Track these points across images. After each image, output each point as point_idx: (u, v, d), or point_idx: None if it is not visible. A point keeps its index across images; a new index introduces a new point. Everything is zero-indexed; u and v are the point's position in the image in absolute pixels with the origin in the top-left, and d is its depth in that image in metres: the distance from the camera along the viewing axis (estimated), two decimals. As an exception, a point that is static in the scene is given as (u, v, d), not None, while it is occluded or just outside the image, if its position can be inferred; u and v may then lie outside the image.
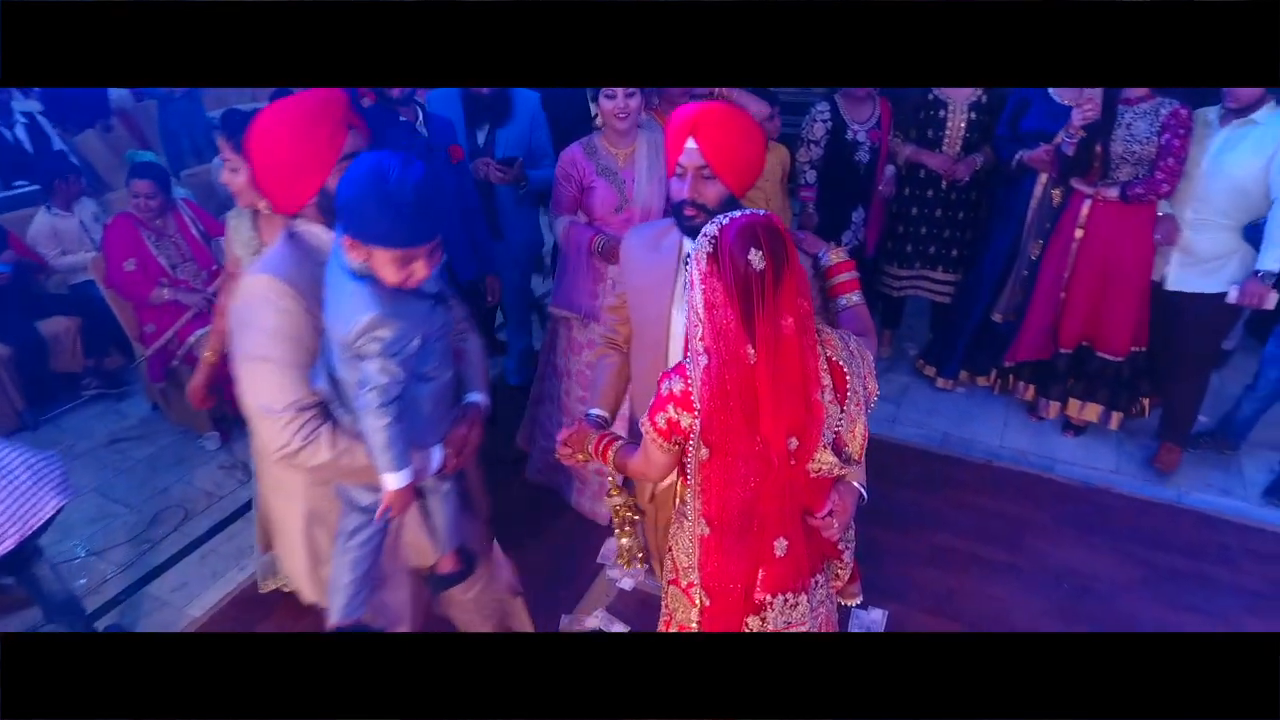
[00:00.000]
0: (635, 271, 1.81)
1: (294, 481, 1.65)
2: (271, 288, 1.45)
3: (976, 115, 3.47)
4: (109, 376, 4.02)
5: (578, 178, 2.73)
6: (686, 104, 1.66)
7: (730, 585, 1.51)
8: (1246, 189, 2.80)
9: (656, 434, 1.47)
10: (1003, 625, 2.57)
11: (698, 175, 1.61)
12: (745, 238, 1.31)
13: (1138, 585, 2.74)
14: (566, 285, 2.88)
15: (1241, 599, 2.66)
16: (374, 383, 1.42)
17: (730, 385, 1.35)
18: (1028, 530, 2.98)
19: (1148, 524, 3.00)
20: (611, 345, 1.95)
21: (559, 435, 1.80)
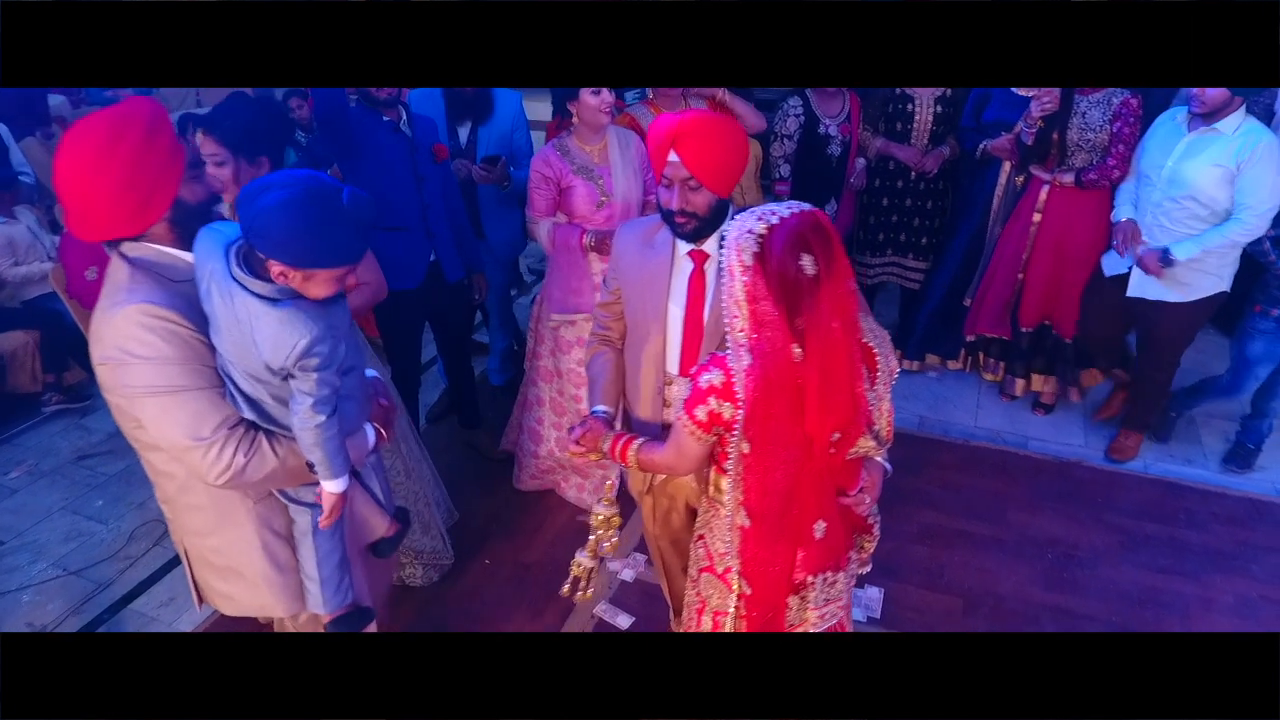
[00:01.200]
0: (630, 268, 1.82)
1: (236, 510, 1.60)
2: (153, 315, 1.37)
3: (942, 109, 3.59)
4: (71, 391, 3.88)
5: (555, 179, 2.75)
6: (664, 115, 1.67)
7: (771, 571, 1.53)
8: (1205, 199, 2.73)
9: (695, 427, 1.47)
10: (993, 595, 2.67)
11: (684, 186, 1.62)
12: (796, 243, 1.32)
13: (1115, 551, 2.87)
14: (562, 288, 2.88)
15: (1210, 559, 2.82)
16: (315, 395, 1.40)
17: (775, 384, 1.36)
18: (1009, 505, 3.10)
19: (1119, 494, 3.15)
20: (605, 341, 1.96)
21: (572, 435, 1.80)
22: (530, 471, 3.28)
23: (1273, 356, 3.04)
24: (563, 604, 2.74)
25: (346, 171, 2.72)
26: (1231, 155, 2.63)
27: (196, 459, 1.42)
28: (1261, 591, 2.67)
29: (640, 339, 1.82)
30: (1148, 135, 2.90)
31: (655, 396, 1.83)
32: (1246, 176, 2.62)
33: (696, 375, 1.48)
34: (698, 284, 1.73)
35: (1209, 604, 2.64)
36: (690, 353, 1.76)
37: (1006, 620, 2.59)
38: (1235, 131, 2.65)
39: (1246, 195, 2.64)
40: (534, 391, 3.16)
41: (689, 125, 1.58)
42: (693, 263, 1.73)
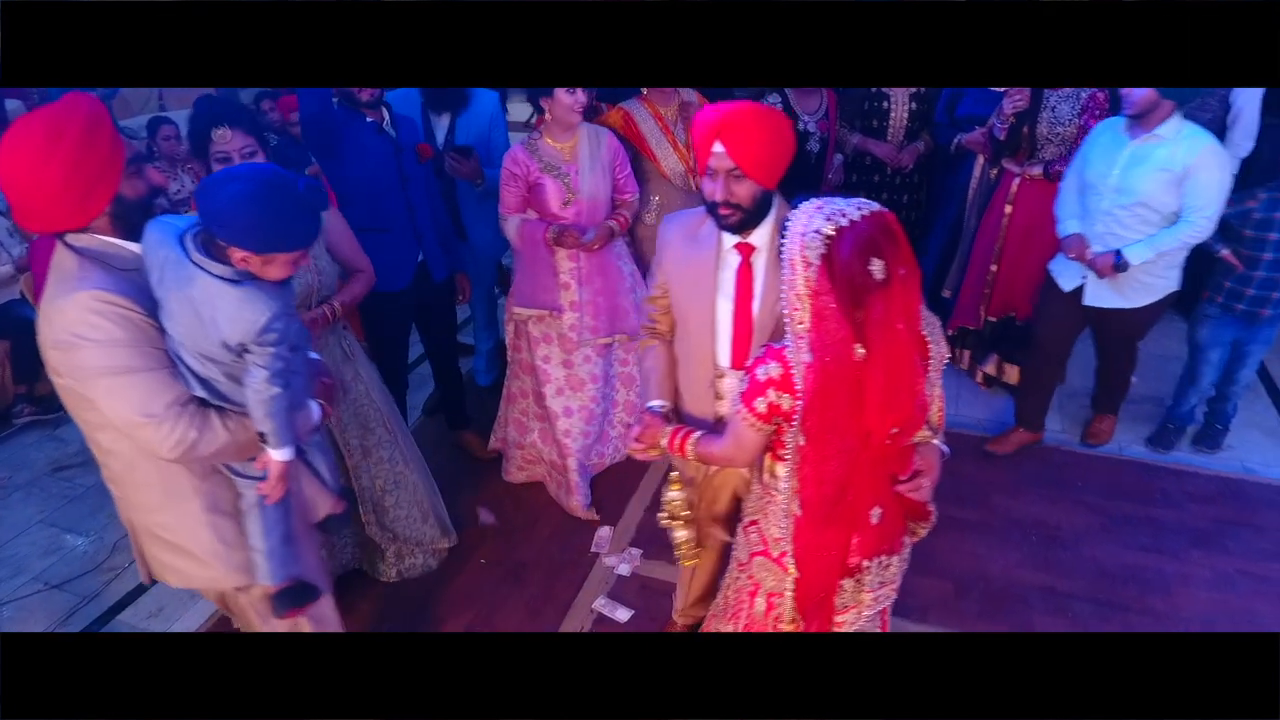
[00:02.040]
0: (676, 262, 1.82)
1: (181, 486, 1.65)
2: (104, 300, 1.43)
3: (916, 105, 3.67)
4: (43, 402, 3.77)
5: (523, 176, 2.77)
6: (708, 106, 1.66)
7: (824, 556, 1.55)
8: (1153, 207, 2.74)
9: (755, 418, 1.49)
10: (982, 578, 2.74)
11: (728, 176, 1.62)
12: (867, 248, 1.32)
13: (1096, 531, 2.96)
14: (528, 284, 2.90)
15: (1187, 536, 2.92)
16: (270, 369, 1.49)
17: (835, 379, 1.37)
18: (993, 490, 3.17)
19: (1096, 476, 3.24)
20: (654, 335, 1.96)
21: (631, 432, 1.85)
22: (517, 463, 3.30)
23: (1219, 340, 3.16)
24: (561, 601, 2.74)
25: (330, 173, 2.70)
26: (1176, 160, 2.65)
27: (149, 434, 1.49)
28: (1238, 566, 2.77)
29: (688, 333, 1.84)
30: (1088, 145, 2.90)
31: (706, 390, 1.84)
32: (1193, 180, 2.64)
33: (753, 368, 1.49)
34: (745, 277, 1.73)
35: (1188, 579, 2.73)
36: (740, 346, 1.76)
37: (997, 601, 2.65)
38: (1177, 136, 2.67)
39: (1194, 198, 2.67)
40: (516, 385, 3.19)
41: (734, 116, 1.58)
42: (739, 255, 1.73)
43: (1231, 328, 3.13)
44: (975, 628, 2.54)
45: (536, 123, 2.83)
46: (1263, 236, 2.91)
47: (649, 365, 1.94)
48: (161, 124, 4.47)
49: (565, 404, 3.06)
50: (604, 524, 3.06)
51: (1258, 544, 2.87)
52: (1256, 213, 2.90)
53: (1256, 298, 3.00)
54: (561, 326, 2.96)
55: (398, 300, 2.86)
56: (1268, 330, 3.09)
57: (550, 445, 3.12)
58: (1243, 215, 2.93)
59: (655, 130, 3.08)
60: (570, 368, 3.03)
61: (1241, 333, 3.13)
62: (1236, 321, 3.10)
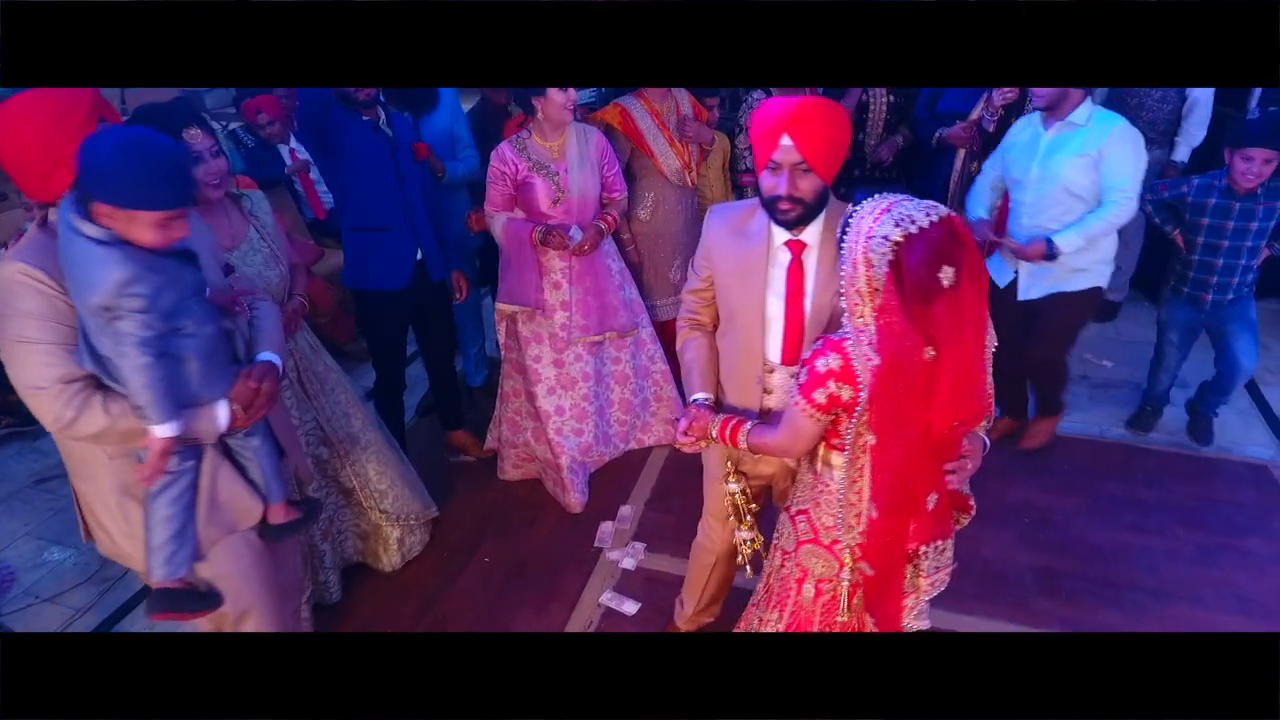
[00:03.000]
0: (724, 258, 1.80)
1: (96, 459, 1.67)
2: (23, 273, 1.51)
3: (894, 99, 3.73)
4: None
5: (511, 175, 2.78)
6: (774, 99, 1.65)
7: (894, 548, 1.56)
8: (1075, 194, 2.77)
9: (814, 409, 1.51)
10: (980, 560, 2.80)
11: (794, 170, 1.60)
12: (937, 256, 1.32)
13: (1084, 512, 3.04)
14: (511, 280, 2.91)
15: (1172, 514, 3.01)
16: (138, 335, 1.49)
17: (902, 380, 1.38)
18: (983, 475, 3.17)
19: (1081, 459, 3.34)
20: (696, 326, 1.95)
21: (680, 426, 1.83)
22: (512, 461, 3.30)
23: (1176, 323, 3.23)
24: (568, 597, 2.76)
25: (328, 173, 2.69)
26: (1091, 143, 2.69)
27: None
28: (1220, 540, 2.88)
29: (736, 328, 1.82)
30: (1007, 142, 2.93)
31: (754, 385, 1.83)
32: (1108, 161, 2.69)
33: (812, 360, 1.50)
34: (796, 275, 1.72)
35: (1174, 555, 2.83)
36: (792, 342, 1.76)
37: (994, 582, 2.72)
38: (1089, 121, 2.72)
39: (1112, 178, 2.71)
40: (509, 384, 3.20)
41: (804, 109, 1.56)
42: (790, 253, 1.71)
43: (1187, 310, 3.17)
44: (973, 608, 2.61)
45: (526, 123, 2.84)
46: (1197, 221, 3.01)
47: (690, 358, 1.93)
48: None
49: (557, 403, 3.07)
50: (605, 519, 3.08)
51: (1237, 519, 2.98)
52: (1189, 197, 3.01)
53: (1197, 280, 3.08)
54: (552, 325, 2.97)
55: (397, 300, 2.85)
56: (1233, 311, 3.11)
57: (543, 444, 3.13)
58: (1180, 199, 3.04)
59: (653, 127, 3.11)
60: (561, 367, 3.04)
61: (1202, 316, 3.16)
62: (1189, 304, 3.15)
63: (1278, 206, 2.90)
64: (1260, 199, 2.90)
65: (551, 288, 2.90)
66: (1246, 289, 3.10)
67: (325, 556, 2.64)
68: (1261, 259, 3.03)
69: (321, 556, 2.63)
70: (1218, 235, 3.00)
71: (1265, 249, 3.01)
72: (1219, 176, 2.96)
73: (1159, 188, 3.12)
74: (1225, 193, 2.95)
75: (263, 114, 3.95)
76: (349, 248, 2.82)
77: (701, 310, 1.93)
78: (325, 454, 2.58)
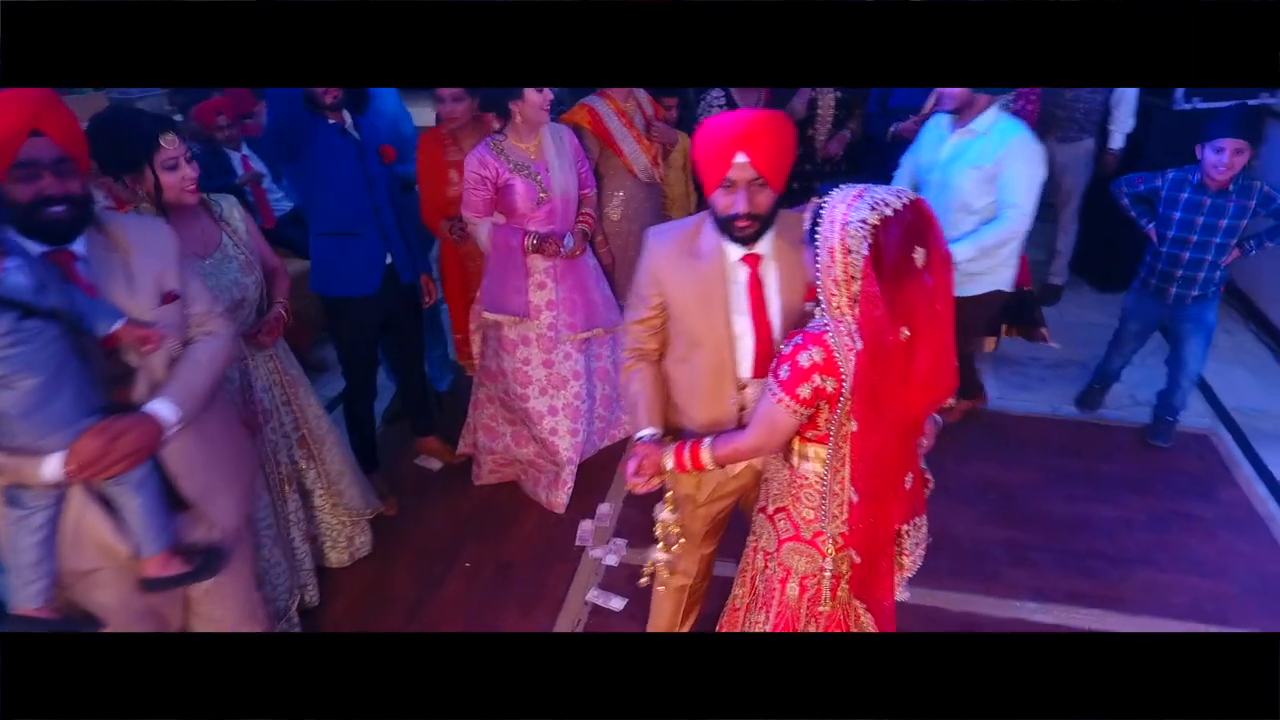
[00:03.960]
0: (677, 283, 1.74)
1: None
2: None
3: (841, 94, 3.84)
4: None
5: (492, 179, 2.74)
6: (722, 116, 1.63)
7: (878, 532, 1.59)
8: (970, 203, 2.75)
9: (798, 404, 1.51)
10: (951, 538, 2.91)
11: (751, 187, 1.59)
12: (911, 237, 1.38)
13: (1043, 486, 3.19)
14: (496, 289, 2.88)
15: (1122, 484, 3.18)
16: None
17: (883, 364, 1.42)
18: (945, 456, 3.34)
19: (1036, 435, 3.49)
20: (642, 357, 1.87)
21: (627, 470, 1.74)
22: (489, 467, 3.28)
23: (1139, 314, 3.30)
24: (553, 596, 2.76)
25: (294, 178, 2.63)
26: (989, 155, 2.64)
27: None
28: (1169, 506, 3.05)
29: (702, 351, 1.77)
30: (919, 141, 2.92)
31: (729, 404, 1.80)
32: (1005, 175, 2.65)
33: (794, 355, 1.50)
34: (757, 289, 1.71)
35: (1129, 523, 2.98)
36: (763, 356, 1.74)
37: (967, 558, 2.83)
38: (989, 130, 2.66)
39: (1008, 194, 2.67)
40: (484, 390, 3.17)
41: (757, 125, 1.56)
42: (747, 267, 1.70)
43: (1152, 303, 3.23)
44: (949, 584, 2.71)
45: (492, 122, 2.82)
46: (1169, 215, 3.05)
47: (636, 390, 1.84)
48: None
49: (550, 403, 3.05)
50: (584, 517, 3.09)
51: (1183, 485, 3.16)
52: (1163, 191, 3.08)
53: (1164, 274, 3.12)
54: (540, 327, 2.96)
55: (368, 305, 2.81)
56: (1193, 312, 3.14)
57: (526, 447, 3.13)
58: (1154, 192, 3.11)
59: (620, 126, 3.13)
60: (551, 367, 3.03)
61: (1165, 311, 3.22)
62: (1155, 297, 3.20)
63: (1249, 205, 2.93)
64: (1233, 196, 2.92)
65: (536, 289, 2.89)
66: (1213, 289, 3.10)
67: (305, 559, 2.62)
68: (1231, 258, 3.04)
69: (302, 559, 2.61)
70: (1187, 230, 3.01)
71: (1235, 249, 3.02)
72: (1193, 172, 2.99)
73: (1136, 180, 3.17)
74: (1198, 188, 2.97)
75: (223, 116, 3.80)
76: (317, 254, 2.77)
77: (649, 339, 1.86)
78: (298, 455, 2.58)
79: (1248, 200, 2.93)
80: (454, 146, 3.10)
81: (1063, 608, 2.62)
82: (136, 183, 2.02)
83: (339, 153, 2.63)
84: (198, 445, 1.75)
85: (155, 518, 1.70)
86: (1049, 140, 4.01)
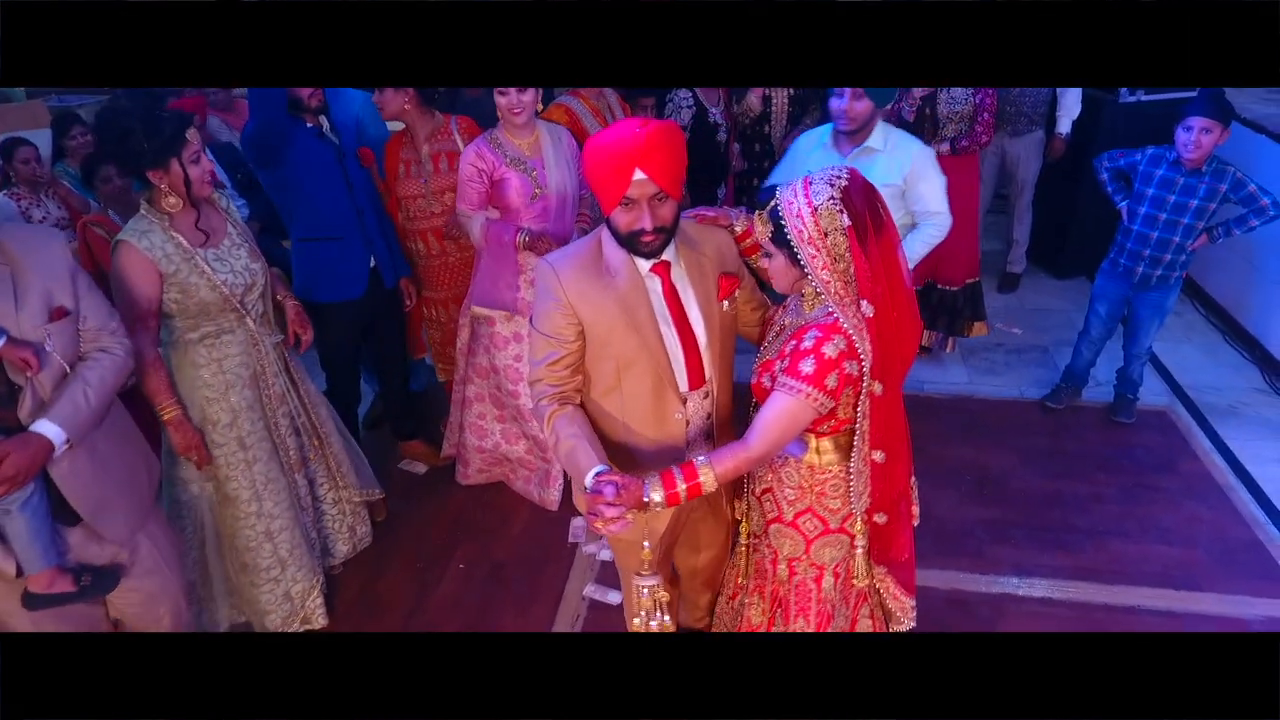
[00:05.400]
0: (597, 307, 1.66)
1: None
2: None
3: (794, 90, 3.93)
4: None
5: (487, 172, 2.75)
6: (611, 135, 1.57)
7: (903, 488, 1.71)
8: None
9: (824, 395, 1.52)
10: (934, 519, 2.95)
11: (652, 202, 1.56)
12: (868, 196, 1.49)
13: (1019, 467, 3.30)
14: (488, 283, 2.88)
15: (1091, 461, 3.32)
16: None
17: (892, 324, 1.51)
18: (924, 440, 3.41)
19: (1007, 418, 3.62)
20: (565, 400, 1.71)
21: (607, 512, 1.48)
22: (476, 466, 3.28)
23: (1106, 295, 3.41)
24: (550, 594, 2.78)
25: (273, 184, 2.60)
26: (895, 171, 2.62)
27: None
28: (1135, 480, 3.19)
29: (634, 374, 1.70)
30: (796, 160, 2.77)
31: (675, 421, 1.75)
32: (918, 190, 2.66)
33: (817, 348, 1.52)
34: (674, 298, 1.69)
35: (1099, 497, 3.11)
36: (694, 365, 1.72)
37: (950, 538, 2.92)
38: (886, 146, 2.63)
39: (924, 204, 2.68)
40: (472, 388, 3.16)
41: (652, 140, 1.52)
42: (658, 277, 1.68)
43: (1120, 283, 3.34)
44: (935, 563, 2.79)
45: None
46: (1143, 190, 3.15)
47: (573, 432, 1.64)
48: (18, 146, 4.06)
49: None
50: (574, 515, 3.10)
51: (1147, 460, 3.31)
52: (1141, 165, 3.16)
53: (1132, 252, 3.23)
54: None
55: (352, 309, 2.79)
56: (1154, 296, 3.26)
57: (517, 444, 3.13)
58: (1133, 166, 3.19)
59: (596, 125, 3.15)
60: None
61: (1130, 291, 3.33)
62: (1123, 277, 3.31)
63: (1220, 188, 3.01)
64: (1205, 178, 3.01)
65: (527, 285, 2.90)
66: (1176, 272, 3.20)
67: (315, 547, 2.64)
68: (1198, 243, 3.13)
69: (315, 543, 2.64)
70: (1158, 207, 3.11)
71: (1204, 234, 3.10)
72: (1171, 150, 3.08)
73: (1116, 155, 3.26)
74: (1173, 166, 3.07)
75: (196, 118, 3.72)
76: (299, 260, 2.75)
77: (569, 379, 1.71)
78: (303, 444, 2.59)
79: (1219, 183, 3.02)
80: (409, 144, 3.07)
81: (1043, 581, 2.73)
82: (161, 178, 2.03)
83: (318, 157, 2.62)
84: (88, 463, 1.76)
85: (40, 537, 1.72)
86: (1001, 135, 4.19)
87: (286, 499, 2.42)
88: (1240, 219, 3.11)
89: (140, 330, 2.07)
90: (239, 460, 2.30)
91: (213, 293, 2.13)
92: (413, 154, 3.05)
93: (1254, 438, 3.42)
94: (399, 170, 3.07)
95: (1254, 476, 3.19)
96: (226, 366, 2.24)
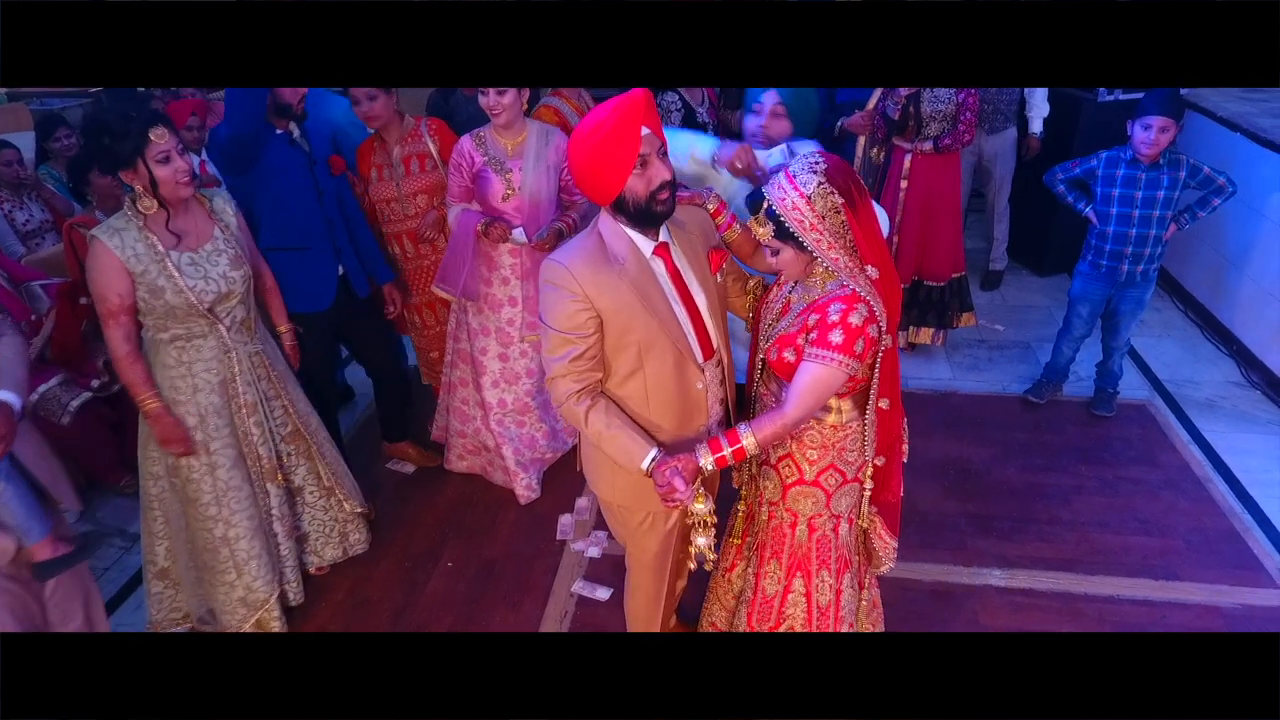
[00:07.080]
0: (613, 295, 1.69)
1: None
2: None
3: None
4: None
5: (468, 167, 2.81)
6: (595, 114, 1.61)
7: (897, 432, 1.87)
8: None
9: (854, 360, 1.64)
10: (917, 514, 3.03)
11: (659, 157, 1.63)
12: (847, 173, 1.61)
13: (1001, 460, 3.35)
14: (450, 266, 2.93)
15: (1071, 453, 3.36)
16: None
17: (890, 276, 1.68)
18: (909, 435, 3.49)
19: (989, 412, 3.66)
20: (592, 391, 1.77)
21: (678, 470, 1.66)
22: (458, 452, 3.32)
23: (1088, 297, 3.44)
24: (539, 590, 2.79)
25: (240, 191, 2.54)
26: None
27: None
28: (1115, 473, 3.24)
29: (654, 355, 1.75)
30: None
31: (700, 394, 1.82)
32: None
33: (844, 319, 1.62)
34: (677, 277, 1.76)
35: (1081, 489, 3.16)
36: (704, 340, 1.81)
37: (934, 530, 2.96)
38: None
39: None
40: (456, 374, 3.21)
41: (648, 96, 1.62)
42: (661, 259, 1.74)
43: (1103, 283, 3.37)
44: (920, 556, 2.83)
45: None
46: (1108, 193, 3.21)
47: (611, 421, 1.74)
48: (0, 148, 4.04)
49: (500, 396, 3.11)
50: (562, 512, 3.12)
51: (1126, 453, 3.36)
52: (1099, 170, 3.24)
53: (1114, 252, 3.26)
54: (499, 320, 3.00)
55: (320, 320, 2.78)
56: (1135, 291, 3.31)
57: (490, 433, 3.17)
58: (1090, 173, 3.27)
59: (582, 125, 3.18)
60: (506, 361, 3.07)
61: (1114, 289, 3.37)
62: (1106, 276, 3.34)
63: (1180, 176, 3.10)
64: (1164, 169, 3.09)
65: (500, 283, 2.92)
66: (1155, 265, 3.25)
67: (289, 556, 2.61)
68: (1169, 232, 3.19)
69: (285, 556, 2.60)
70: (1129, 205, 3.17)
71: (1172, 223, 3.17)
72: (1125, 150, 3.18)
73: (1070, 166, 3.34)
74: (1131, 163, 3.14)
75: (195, 117, 3.67)
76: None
77: (592, 371, 1.75)
78: (288, 450, 2.58)
79: (1178, 171, 3.11)
80: (381, 149, 3.08)
81: (1026, 572, 2.77)
82: (133, 178, 2.05)
83: (287, 164, 2.60)
84: (32, 434, 1.89)
85: (27, 508, 1.82)
86: (979, 132, 4.24)
87: (248, 507, 2.40)
88: (1202, 201, 3.19)
89: (111, 326, 2.10)
90: (202, 464, 2.30)
91: (178, 297, 2.12)
92: (384, 158, 3.07)
93: (1231, 430, 3.48)
94: (371, 175, 3.09)
95: (1231, 468, 3.25)
96: (195, 370, 2.24)
